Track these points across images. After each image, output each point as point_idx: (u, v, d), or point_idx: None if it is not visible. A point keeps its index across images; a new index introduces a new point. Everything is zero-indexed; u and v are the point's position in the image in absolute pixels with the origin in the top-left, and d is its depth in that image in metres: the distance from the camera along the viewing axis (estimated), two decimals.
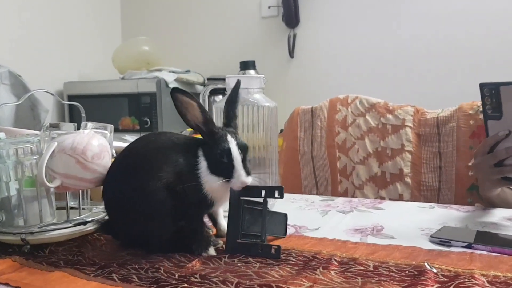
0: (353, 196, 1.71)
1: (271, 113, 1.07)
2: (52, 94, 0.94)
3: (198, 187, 0.74)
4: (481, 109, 1.57)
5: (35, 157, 0.80)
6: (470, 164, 1.49)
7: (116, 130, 2.92)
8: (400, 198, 1.62)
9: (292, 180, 1.83)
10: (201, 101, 1.13)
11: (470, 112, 1.58)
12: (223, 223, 0.84)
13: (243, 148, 0.76)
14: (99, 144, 0.82)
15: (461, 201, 1.53)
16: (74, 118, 2.62)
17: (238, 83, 0.86)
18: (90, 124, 0.90)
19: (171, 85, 2.57)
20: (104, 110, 2.62)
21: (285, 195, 1.20)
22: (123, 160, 0.79)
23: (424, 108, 1.71)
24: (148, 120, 2.54)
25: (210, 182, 0.74)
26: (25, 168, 0.80)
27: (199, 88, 2.82)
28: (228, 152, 0.74)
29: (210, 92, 2.75)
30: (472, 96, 1.69)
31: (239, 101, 0.84)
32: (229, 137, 0.75)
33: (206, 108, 1.15)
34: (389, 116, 1.70)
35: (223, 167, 0.74)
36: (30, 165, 0.80)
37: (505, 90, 0.88)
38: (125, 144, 1.14)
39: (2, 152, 0.79)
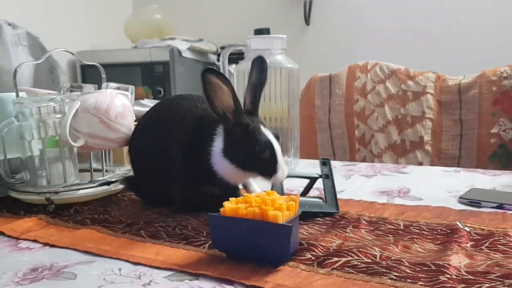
0: None
1: (293, 75, 1.04)
2: (72, 54, 0.93)
3: (210, 166, 0.71)
4: (504, 75, 1.54)
5: (58, 116, 0.79)
6: (492, 131, 1.46)
7: None
8: (420, 166, 1.61)
9: (308, 148, 1.81)
10: (221, 64, 1.10)
11: (493, 78, 1.54)
12: (255, 187, 0.79)
13: (278, 140, 0.71)
14: (122, 104, 0.81)
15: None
16: (88, 80, 2.61)
17: (264, 63, 0.72)
18: (111, 85, 0.89)
19: (184, 54, 2.54)
20: (118, 79, 2.59)
21: (306, 160, 1.20)
22: (148, 120, 0.79)
23: (446, 74, 1.67)
24: (162, 89, 2.52)
25: (223, 167, 0.70)
26: (48, 127, 0.79)
27: (212, 57, 2.79)
28: (272, 147, 0.68)
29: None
30: (495, 62, 1.66)
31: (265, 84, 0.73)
32: (264, 130, 0.69)
33: (226, 68, 1.13)
34: (410, 82, 1.67)
35: (263, 163, 0.68)
36: (53, 124, 0.79)
37: None
38: (143, 109, 1.14)
39: (25, 110, 0.78)
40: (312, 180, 0.81)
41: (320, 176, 0.79)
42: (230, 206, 0.56)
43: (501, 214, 0.71)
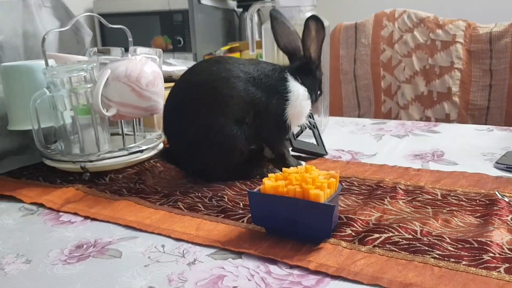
0: (397, 117, 1.67)
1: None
2: (98, 17, 0.91)
3: (281, 110, 0.74)
4: None
5: (89, 86, 0.79)
6: None
7: None
8: (447, 118, 1.58)
9: (332, 100, 1.79)
10: (248, 22, 1.07)
11: None
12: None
13: None
14: (152, 71, 0.80)
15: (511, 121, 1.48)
16: (107, 41, 2.58)
17: (320, 22, 0.77)
18: (139, 49, 0.87)
19: (204, 2, 2.48)
20: (136, 29, 2.56)
21: (334, 118, 1.19)
22: (186, 92, 0.75)
23: (477, 22, 1.60)
24: (181, 39, 2.48)
25: (305, 106, 0.77)
26: (80, 96, 0.79)
27: (232, 3, 2.72)
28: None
29: (245, 9, 2.66)
30: None
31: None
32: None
33: (255, 26, 1.10)
34: (439, 31, 1.61)
35: (318, 92, 0.82)
36: (84, 94, 0.79)
37: None
38: (170, 69, 1.12)
39: (56, 80, 0.77)
40: (303, 128, 0.88)
41: (310, 128, 0.91)
42: (270, 183, 0.56)
43: None
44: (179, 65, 1.20)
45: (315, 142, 0.91)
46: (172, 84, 1.03)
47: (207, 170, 0.76)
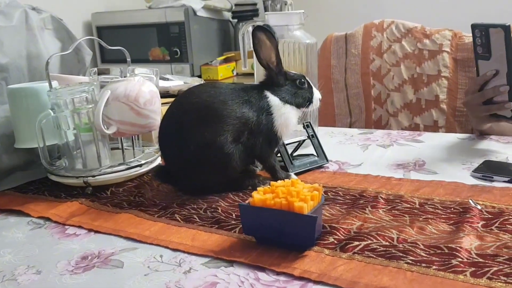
0: (387, 124, 1.73)
1: (311, 50, 1.06)
2: (99, 41, 0.96)
3: (270, 124, 0.80)
4: None
5: (90, 106, 0.84)
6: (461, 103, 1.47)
7: (146, 61, 2.91)
8: (435, 124, 1.63)
9: (325, 109, 1.84)
10: (240, 39, 1.12)
11: None
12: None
13: None
14: (150, 91, 0.85)
15: None
16: (106, 56, 2.63)
17: (267, 30, 0.81)
18: (137, 70, 0.92)
19: (199, 13, 2.53)
20: (134, 41, 2.62)
21: (323, 128, 1.24)
22: (185, 113, 0.79)
23: (462, 32, 1.66)
24: (178, 50, 2.53)
25: (287, 113, 0.81)
26: (82, 115, 0.84)
27: (227, 14, 2.77)
28: (307, 81, 0.86)
29: (240, 19, 2.69)
30: None
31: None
32: (292, 73, 0.86)
33: (246, 43, 1.16)
34: (426, 41, 1.67)
35: (303, 95, 0.84)
36: (86, 113, 0.84)
37: (493, 32, 0.89)
38: (167, 84, 1.18)
39: (60, 102, 0.82)
40: (301, 141, 0.96)
41: (308, 137, 0.95)
42: (258, 197, 0.61)
43: None
44: (176, 80, 1.26)
45: (314, 152, 0.94)
46: (170, 99, 1.08)
47: (203, 186, 0.81)
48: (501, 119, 1.00)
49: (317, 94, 0.87)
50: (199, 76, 2.57)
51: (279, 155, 0.90)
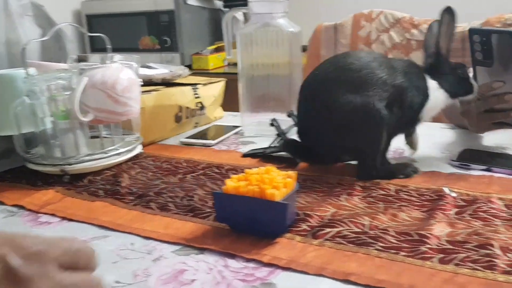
0: None
1: (295, 38, 1.06)
2: (77, 27, 0.95)
3: (422, 104, 0.80)
4: (508, 22, 1.53)
5: (67, 93, 0.83)
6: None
7: (136, 50, 2.88)
8: None
9: None
10: (224, 26, 1.12)
11: (497, 25, 1.53)
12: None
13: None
14: (128, 78, 0.84)
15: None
16: (95, 44, 2.61)
17: (453, 14, 0.81)
18: (116, 57, 0.91)
19: (189, 2, 2.51)
20: (124, 29, 2.60)
21: None
22: (338, 73, 0.77)
23: None
24: (168, 39, 2.52)
25: (439, 98, 0.82)
26: (59, 103, 0.83)
27: (218, 3, 2.75)
28: (466, 70, 0.85)
29: (229, 8, 2.69)
30: (499, 9, 1.64)
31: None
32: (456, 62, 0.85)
33: (230, 31, 1.15)
34: (414, 31, 1.66)
35: (465, 85, 0.84)
36: (63, 100, 0.83)
37: (497, 38, 0.84)
38: (151, 72, 1.17)
39: (35, 88, 0.82)
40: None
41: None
42: (232, 184, 0.61)
43: (488, 177, 0.76)
44: (161, 69, 1.25)
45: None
46: (153, 87, 1.08)
47: (355, 153, 0.80)
48: (504, 126, 0.95)
49: (476, 86, 0.86)
50: (189, 66, 2.56)
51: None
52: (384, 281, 0.50)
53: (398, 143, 0.88)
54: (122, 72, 0.84)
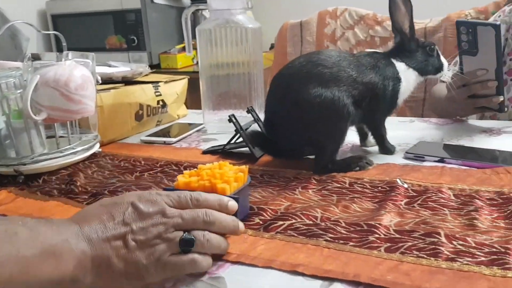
0: None
1: (255, 34, 1.06)
2: (30, 25, 0.93)
3: (396, 90, 0.82)
4: (468, 17, 1.56)
5: (19, 91, 0.81)
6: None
7: (103, 49, 2.84)
8: None
9: None
10: (183, 23, 1.11)
11: None
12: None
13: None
14: (82, 75, 0.83)
15: None
16: (61, 44, 2.56)
17: None
18: (71, 54, 0.90)
19: (156, 0, 2.49)
20: (90, 29, 2.56)
21: None
22: (308, 70, 0.77)
23: (413, 18, 1.68)
24: (135, 38, 2.49)
25: (410, 78, 0.84)
26: (11, 102, 0.82)
27: (185, 1, 2.74)
28: (436, 48, 0.86)
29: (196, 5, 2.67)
30: (461, 5, 1.67)
31: None
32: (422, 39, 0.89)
33: (190, 28, 1.14)
34: (378, 28, 1.68)
35: (433, 62, 0.86)
36: (15, 99, 0.82)
37: (482, 30, 0.92)
38: (110, 70, 1.15)
39: None
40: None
41: (255, 121, 0.92)
42: (183, 180, 0.61)
43: (440, 168, 0.77)
44: (121, 67, 1.23)
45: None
46: (112, 85, 1.06)
47: (317, 146, 0.80)
48: (486, 110, 1.06)
49: (446, 64, 0.88)
50: (158, 65, 2.54)
51: (241, 139, 0.90)
52: (331, 271, 0.50)
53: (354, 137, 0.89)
54: (75, 69, 0.83)
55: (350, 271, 0.50)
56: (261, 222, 0.62)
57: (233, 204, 0.55)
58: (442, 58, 0.88)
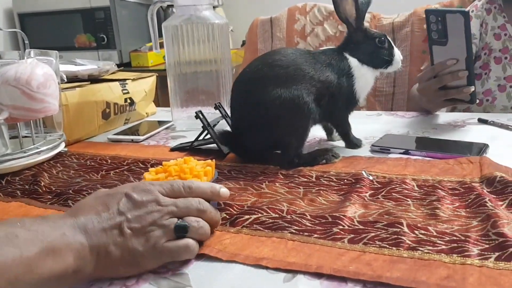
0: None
1: (222, 30, 1.05)
2: None
3: (351, 87, 0.81)
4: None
5: None
6: (422, 68, 1.52)
7: (72, 48, 2.80)
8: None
9: None
10: (149, 18, 1.10)
11: (424, 16, 1.58)
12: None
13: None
14: (44, 73, 0.82)
15: None
16: (31, 43, 2.51)
17: None
18: (33, 52, 0.88)
19: None
20: (59, 27, 2.51)
21: None
22: (266, 70, 0.77)
23: (381, 14, 1.70)
24: (105, 36, 2.46)
25: (365, 74, 0.82)
26: None
27: None
28: (388, 39, 0.84)
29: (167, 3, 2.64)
30: (427, 0, 1.70)
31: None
32: (373, 31, 0.85)
33: (156, 25, 1.13)
34: None
35: (381, 54, 0.83)
36: None
37: (451, 18, 0.90)
38: (75, 68, 1.13)
39: None
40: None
41: (223, 117, 0.93)
42: (150, 177, 0.60)
43: (405, 160, 0.78)
44: (88, 65, 1.21)
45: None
46: (78, 83, 1.05)
47: (282, 144, 0.79)
48: (457, 102, 1.03)
49: (398, 55, 0.85)
50: (129, 63, 2.51)
51: (208, 136, 0.89)
52: (294, 263, 0.50)
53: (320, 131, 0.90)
54: (37, 67, 0.81)
55: (313, 263, 0.50)
56: (227, 217, 0.62)
57: (224, 191, 0.57)
58: (396, 50, 0.85)
